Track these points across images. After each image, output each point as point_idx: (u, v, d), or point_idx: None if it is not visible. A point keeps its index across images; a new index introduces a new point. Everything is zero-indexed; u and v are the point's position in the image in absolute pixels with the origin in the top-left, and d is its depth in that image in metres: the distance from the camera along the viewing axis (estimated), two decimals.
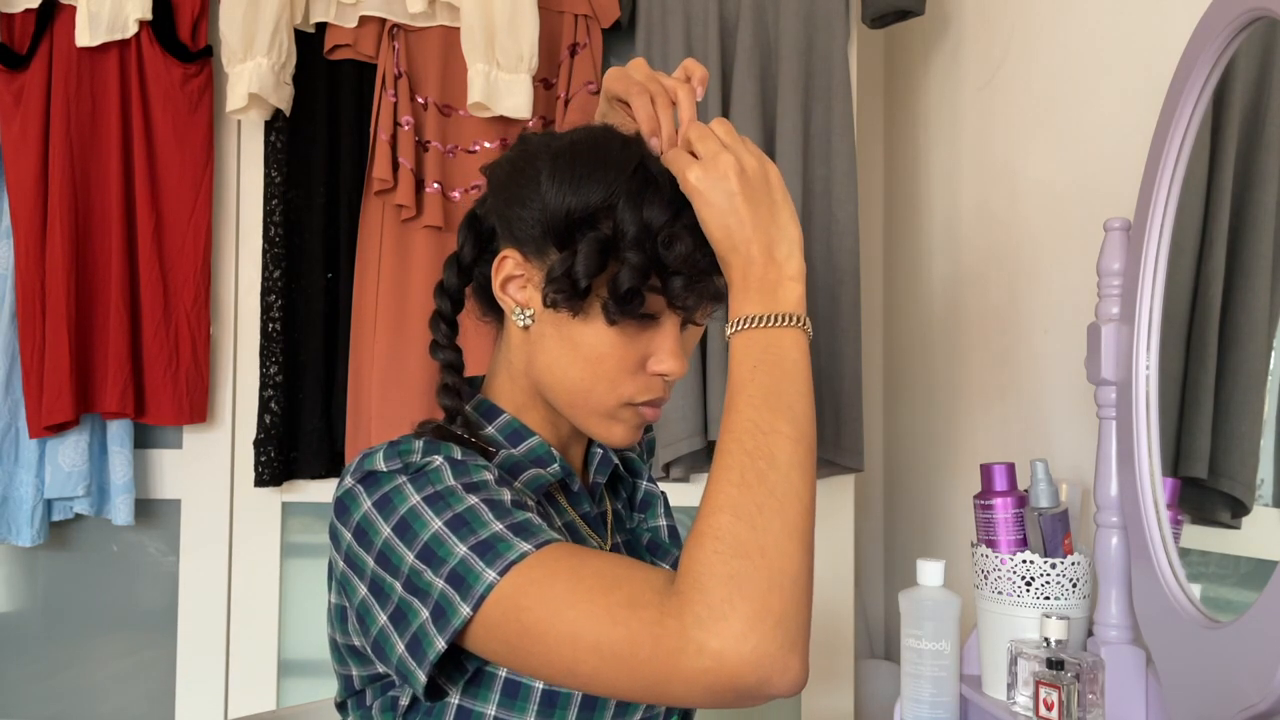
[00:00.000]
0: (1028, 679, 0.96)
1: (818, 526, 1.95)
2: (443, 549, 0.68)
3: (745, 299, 0.74)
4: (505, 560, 0.67)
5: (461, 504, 0.71)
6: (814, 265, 1.66)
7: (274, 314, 1.71)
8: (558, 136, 0.84)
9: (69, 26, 1.65)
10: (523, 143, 0.85)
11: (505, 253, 0.80)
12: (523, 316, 0.81)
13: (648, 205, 0.76)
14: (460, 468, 0.74)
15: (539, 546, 0.68)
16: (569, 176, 0.78)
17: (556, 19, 1.73)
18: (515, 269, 0.80)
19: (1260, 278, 0.88)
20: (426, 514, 0.70)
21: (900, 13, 1.66)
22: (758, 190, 0.75)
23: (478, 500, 0.71)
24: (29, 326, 1.66)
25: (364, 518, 0.73)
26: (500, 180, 0.84)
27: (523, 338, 0.83)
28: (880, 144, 2.14)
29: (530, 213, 0.79)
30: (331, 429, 1.72)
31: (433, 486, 0.72)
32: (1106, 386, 1.00)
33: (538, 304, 0.80)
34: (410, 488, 0.72)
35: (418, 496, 0.72)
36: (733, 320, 0.74)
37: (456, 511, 0.70)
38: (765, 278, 0.74)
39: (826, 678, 1.74)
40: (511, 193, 0.81)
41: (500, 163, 0.85)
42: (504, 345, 0.86)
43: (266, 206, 1.73)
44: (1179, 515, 0.93)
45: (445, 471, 0.73)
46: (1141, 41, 1.13)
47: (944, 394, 1.72)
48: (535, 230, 0.79)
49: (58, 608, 1.83)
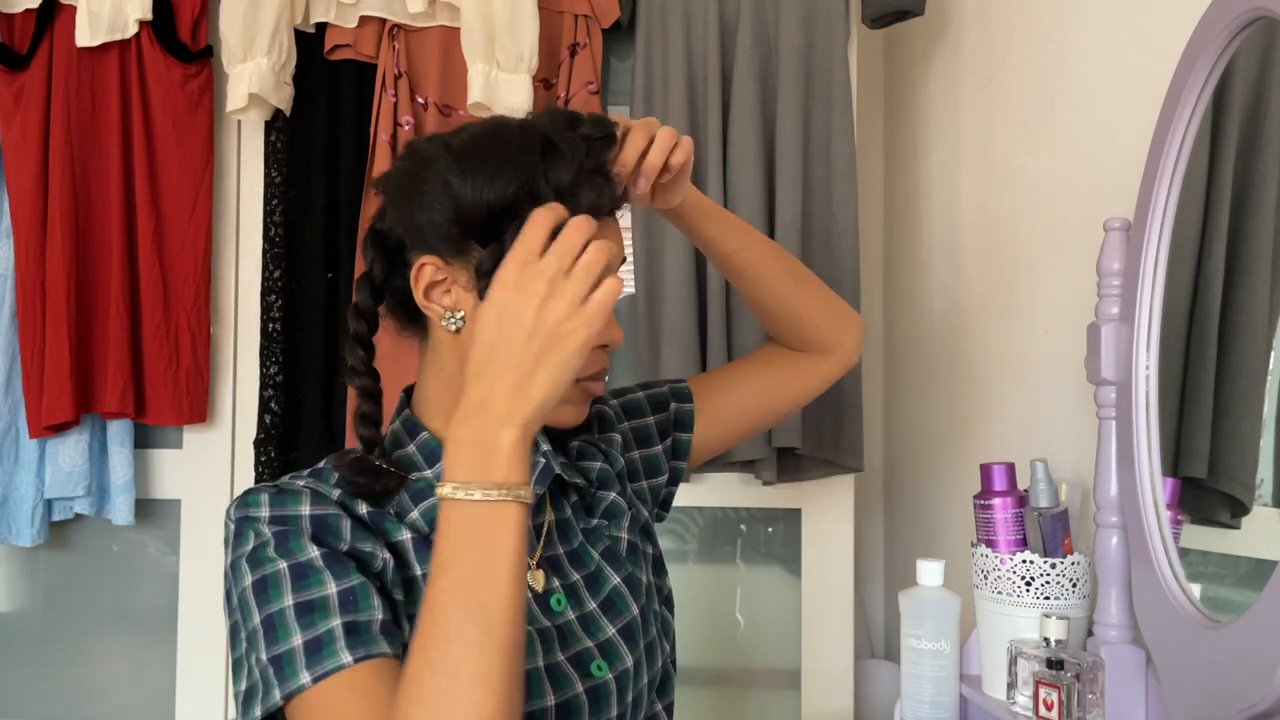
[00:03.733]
0: (1028, 679, 0.96)
1: (818, 526, 1.93)
2: (283, 629, 0.72)
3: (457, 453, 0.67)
4: (323, 668, 0.70)
5: (320, 588, 0.73)
6: (814, 265, 1.66)
7: (274, 314, 1.71)
8: (452, 136, 0.84)
9: (69, 26, 1.65)
10: (412, 150, 0.85)
11: (422, 260, 0.80)
12: (452, 320, 0.81)
13: (559, 174, 0.78)
14: (297, 544, 0.76)
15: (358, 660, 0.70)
16: (479, 171, 0.78)
17: (556, 19, 1.73)
18: (436, 274, 0.80)
19: (1260, 278, 0.88)
20: (285, 585, 0.74)
21: (900, 13, 1.66)
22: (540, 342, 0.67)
23: (336, 586, 0.73)
24: (29, 326, 1.66)
25: (236, 557, 0.77)
26: (400, 191, 0.83)
27: (453, 342, 0.82)
28: (880, 144, 2.14)
29: (442, 216, 0.79)
30: (331, 429, 1.72)
31: (296, 557, 0.75)
32: (1106, 386, 1.00)
33: (468, 304, 0.80)
34: (275, 551, 0.75)
35: (283, 562, 0.75)
36: (445, 481, 0.67)
37: (308, 599, 0.73)
38: (485, 434, 0.67)
39: (826, 678, 1.74)
40: (416, 201, 0.81)
41: (394, 175, 0.85)
42: (432, 355, 0.86)
43: (266, 206, 1.73)
44: (1179, 515, 0.93)
45: (313, 549, 0.75)
46: (1141, 42, 1.13)
47: (944, 394, 1.72)
48: (452, 231, 0.79)
49: (58, 608, 1.83)
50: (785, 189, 1.64)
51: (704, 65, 1.68)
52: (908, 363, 1.94)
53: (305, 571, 0.74)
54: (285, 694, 0.70)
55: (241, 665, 0.74)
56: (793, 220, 1.63)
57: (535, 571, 0.87)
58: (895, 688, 1.12)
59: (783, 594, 1.78)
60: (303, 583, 0.73)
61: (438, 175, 0.80)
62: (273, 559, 0.75)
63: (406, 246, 0.83)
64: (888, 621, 2.05)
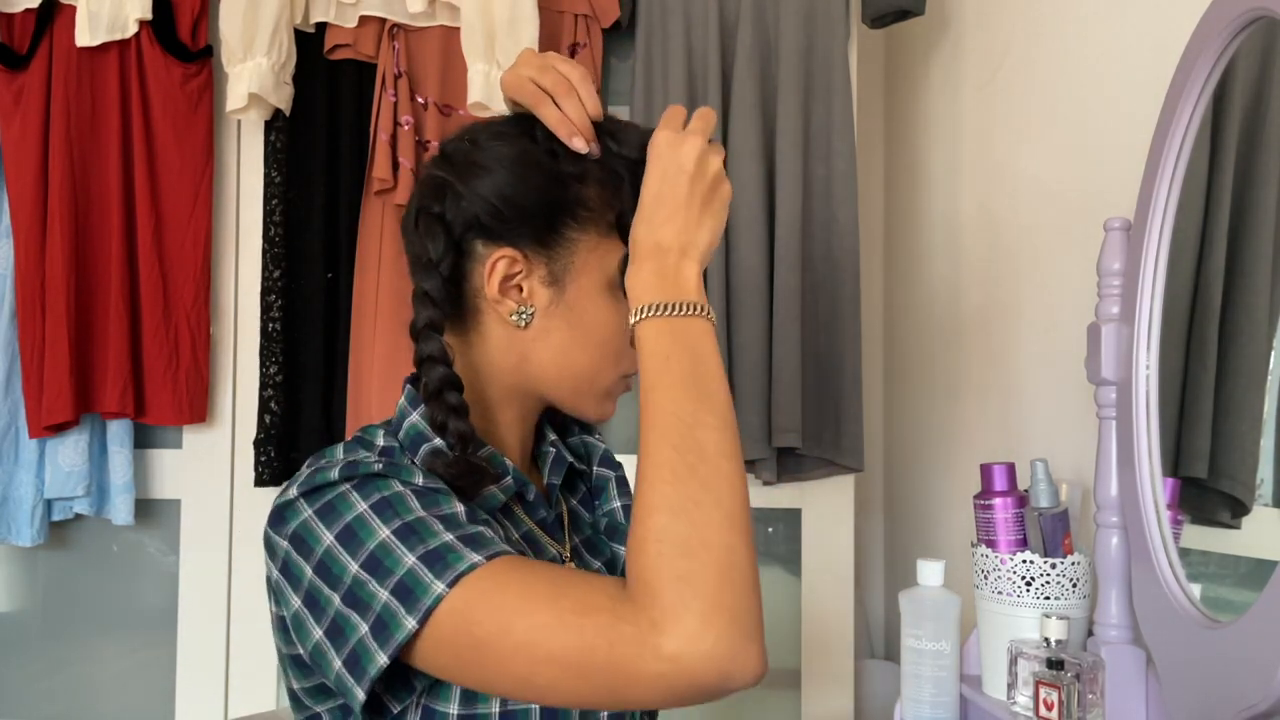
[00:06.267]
0: (1028, 679, 0.96)
1: (818, 526, 1.93)
2: (390, 559, 0.66)
3: (647, 283, 0.73)
4: (455, 571, 0.65)
5: (410, 513, 0.68)
6: (814, 265, 1.66)
7: (274, 314, 1.71)
8: (532, 124, 0.80)
9: (69, 26, 1.65)
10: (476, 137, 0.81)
11: (499, 254, 0.77)
12: (524, 316, 0.78)
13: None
14: (410, 481, 0.72)
15: (489, 558, 0.66)
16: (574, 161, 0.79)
17: (556, 19, 1.73)
18: (511, 267, 0.78)
19: (1260, 278, 0.88)
20: (374, 522, 0.68)
21: (900, 13, 1.66)
22: (704, 185, 0.75)
23: (427, 512, 0.69)
24: (29, 326, 1.66)
25: (303, 525, 0.70)
26: (474, 177, 0.78)
27: (513, 337, 0.80)
28: (880, 144, 2.14)
29: (534, 203, 0.77)
30: (331, 429, 1.72)
31: (380, 493, 0.70)
32: (1106, 386, 1.00)
33: (542, 300, 0.78)
34: (356, 494, 0.70)
35: (364, 504, 0.69)
36: (637, 307, 0.73)
37: (405, 520, 0.68)
38: (666, 265, 0.73)
39: (826, 678, 1.74)
40: (495, 189, 0.77)
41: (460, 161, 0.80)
42: (477, 349, 0.81)
43: (266, 206, 1.73)
44: (1179, 515, 0.93)
45: (394, 479, 0.71)
46: (1141, 41, 1.13)
47: (944, 394, 1.72)
48: (538, 221, 0.77)
49: (58, 608, 1.83)
50: (785, 189, 1.64)
51: (704, 65, 1.68)
52: (908, 362, 1.94)
53: (431, 493, 0.71)
54: (421, 615, 0.64)
55: (337, 628, 0.67)
56: (793, 220, 1.63)
57: (569, 564, 0.86)
58: (895, 688, 1.12)
59: (783, 594, 1.78)
60: (430, 499, 0.70)
61: (524, 162, 0.78)
62: (385, 489, 0.70)
63: (471, 236, 0.78)
64: (888, 621, 2.05)
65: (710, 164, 0.75)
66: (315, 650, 0.69)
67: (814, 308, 1.66)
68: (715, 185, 0.76)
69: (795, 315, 1.62)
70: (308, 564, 0.69)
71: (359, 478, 0.71)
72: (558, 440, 0.91)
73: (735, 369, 1.62)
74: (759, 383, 1.61)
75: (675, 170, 0.74)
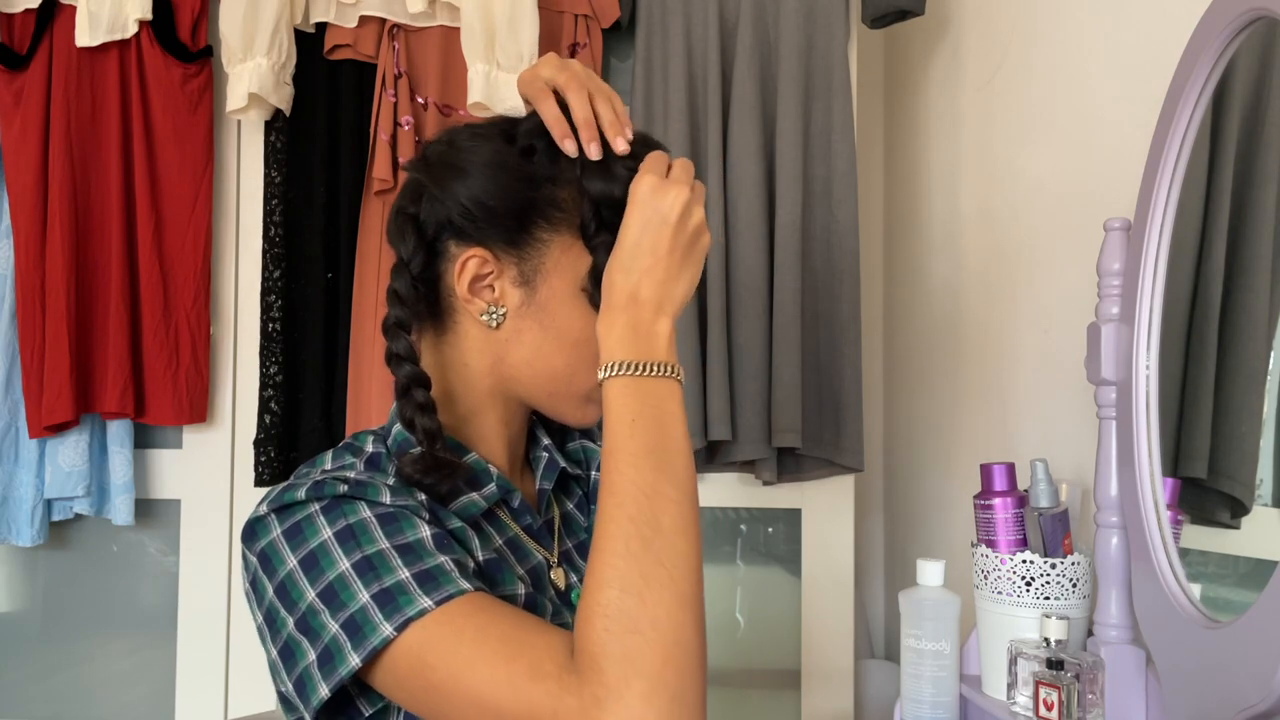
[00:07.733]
0: (1028, 679, 0.96)
1: (818, 526, 1.93)
2: (345, 592, 0.67)
3: (620, 338, 0.72)
4: (403, 616, 0.65)
5: (372, 545, 0.68)
6: (814, 265, 1.66)
7: (274, 314, 1.71)
8: (508, 125, 0.81)
9: (69, 26, 1.65)
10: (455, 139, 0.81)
11: (469, 253, 0.77)
12: (494, 316, 0.78)
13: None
14: (378, 502, 0.71)
15: (443, 601, 0.66)
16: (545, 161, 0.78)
17: (556, 19, 1.73)
18: (482, 268, 0.78)
19: (1260, 278, 0.88)
20: (335, 551, 0.68)
21: (900, 13, 1.66)
22: (686, 238, 0.74)
23: (389, 543, 0.68)
24: (29, 326, 1.66)
25: (270, 545, 0.71)
26: (447, 179, 0.79)
27: (487, 338, 0.80)
28: (880, 144, 2.14)
29: (502, 204, 0.77)
30: (331, 429, 1.72)
31: (345, 519, 0.70)
32: (1106, 386, 1.00)
33: (513, 301, 0.78)
34: (322, 519, 0.70)
35: (329, 530, 0.69)
36: (607, 363, 0.72)
37: (366, 554, 0.68)
38: (640, 320, 0.72)
39: (826, 678, 1.74)
40: (468, 190, 0.78)
41: (437, 162, 0.80)
42: (454, 350, 0.81)
43: (266, 206, 1.73)
44: (1179, 515, 0.93)
45: (361, 502, 0.71)
46: (1141, 41, 1.13)
47: (944, 394, 1.72)
48: (509, 222, 0.77)
49: (58, 608, 1.83)
50: (785, 188, 1.64)
51: (704, 65, 1.68)
52: (908, 362, 1.94)
53: (395, 518, 0.70)
54: (365, 654, 0.65)
55: (289, 650, 0.69)
56: (793, 220, 1.63)
57: (557, 569, 0.86)
58: (895, 688, 1.12)
59: (783, 594, 1.78)
60: (394, 527, 0.70)
61: (496, 163, 0.78)
62: (350, 515, 0.70)
63: (445, 236, 0.79)
64: (888, 621, 2.05)
65: (693, 215, 0.75)
66: (272, 664, 0.72)
67: (814, 308, 1.66)
68: (695, 237, 0.75)
69: (795, 315, 1.62)
70: (270, 584, 0.70)
71: (327, 499, 0.71)
72: (551, 444, 0.90)
73: (735, 369, 1.62)
74: (759, 382, 1.61)
75: (658, 220, 0.73)
